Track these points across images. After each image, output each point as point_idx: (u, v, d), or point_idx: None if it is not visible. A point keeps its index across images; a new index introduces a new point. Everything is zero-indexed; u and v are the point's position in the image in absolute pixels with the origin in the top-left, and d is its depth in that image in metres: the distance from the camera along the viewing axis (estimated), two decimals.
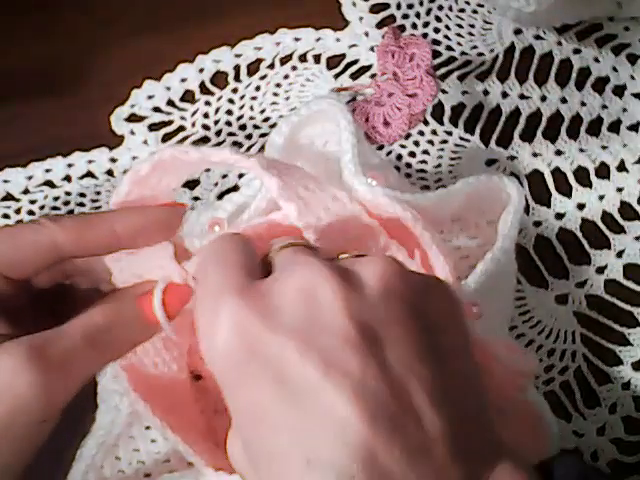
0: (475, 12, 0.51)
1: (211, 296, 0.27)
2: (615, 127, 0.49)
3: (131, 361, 0.33)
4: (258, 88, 0.49)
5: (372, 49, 0.49)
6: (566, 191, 0.47)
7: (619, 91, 0.50)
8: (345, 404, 0.24)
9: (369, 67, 0.49)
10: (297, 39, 0.49)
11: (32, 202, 0.46)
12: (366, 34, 0.49)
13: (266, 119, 0.48)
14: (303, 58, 0.49)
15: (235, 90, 0.49)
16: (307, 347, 0.25)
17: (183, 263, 0.33)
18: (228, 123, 0.48)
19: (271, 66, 0.49)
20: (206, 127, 0.48)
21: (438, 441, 0.24)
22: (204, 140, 0.47)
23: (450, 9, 0.51)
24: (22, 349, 0.29)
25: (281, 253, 0.29)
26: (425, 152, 0.48)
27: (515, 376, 0.32)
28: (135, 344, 0.33)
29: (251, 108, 0.48)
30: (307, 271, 0.26)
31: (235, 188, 0.45)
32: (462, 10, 0.51)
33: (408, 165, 0.48)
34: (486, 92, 0.49)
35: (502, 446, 0.26)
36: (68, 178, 0.46)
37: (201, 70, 0.49)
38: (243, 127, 0.48)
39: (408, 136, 0.48)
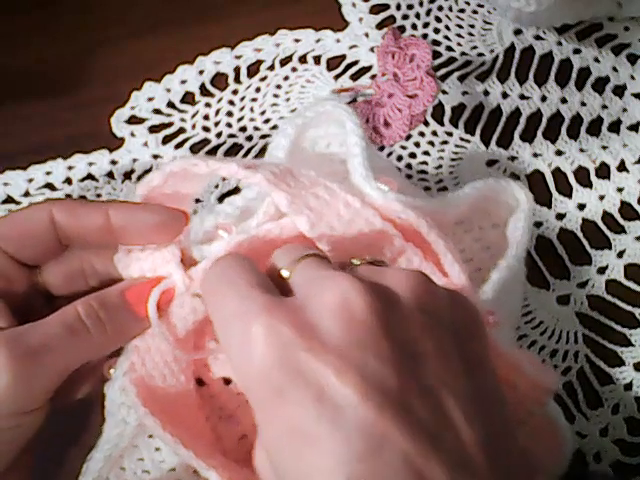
0: (475, 12, 0.51)
1: (238, 318, 0.27)
2: (615, 127, 0.49)
3: (140, 374, 0.33)
4: (258, 89, 0.49)
5: (372, 50, 0.49)
6: (567, 191, 0.47)
7: (619, 91, 0.50)
8: (386, 422, 0.24)
9: (369, 68, 0.49)
10: (297, 40, 0.49)
11: None
12: (366, 35, 0.49)
13: (266, 120, 0.48)
14: (303, 59, 0.49)
15: (235, 92, 0.49)
16: (346, 366, 0.25)
17: (189, 270, 0.33)
18: (228, 125, 0.48)
19: (271, 67, 0.49)
20: (206, 129, 0.48)
21: (476, 454, 0.24)
22: (204, 142, 0.47)
23: (450, 9, 0.51)
24: None
25: (299, 268, 0.29)
26: (426, 153, 0.48)
27: (536, 390, 0.31)
28: (121, 336, 0.33)
29: (251, 110, 0.48)
30: (341, 288, 0.26)
31: (236, 190, 0.45)
32: (462, 10, 0.51)
33: (409, 166, 0.47)
34: (486, 92, 0.49)
35: (530, 458, 0.27)
36: (69, 180, 0.46)
37: (201, 72, 0.48)
38: (243, 129, 0.48)
39: (409, 137, 0.48)
